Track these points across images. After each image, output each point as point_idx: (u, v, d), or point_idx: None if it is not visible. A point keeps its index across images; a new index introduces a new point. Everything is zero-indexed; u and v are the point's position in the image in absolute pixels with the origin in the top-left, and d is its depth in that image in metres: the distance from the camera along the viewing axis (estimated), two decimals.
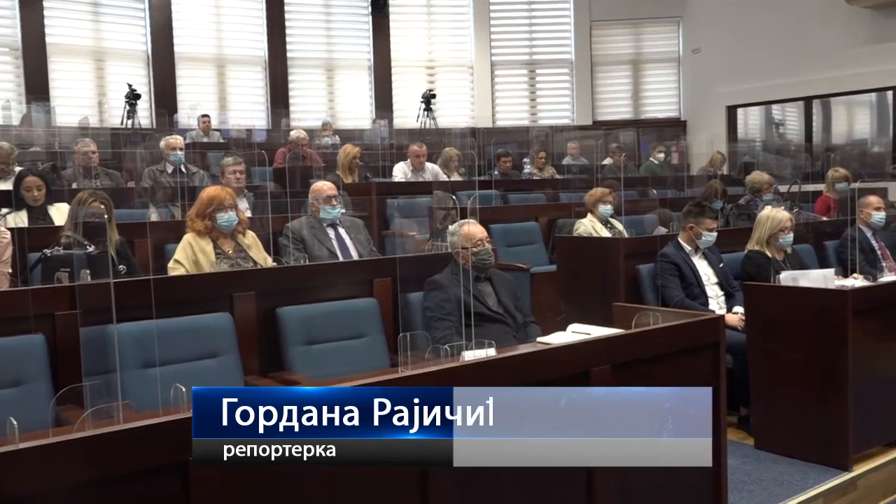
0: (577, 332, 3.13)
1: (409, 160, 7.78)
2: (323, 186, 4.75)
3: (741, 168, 9.99)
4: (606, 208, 5.92)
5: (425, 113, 12.38)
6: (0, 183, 5.61)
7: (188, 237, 4.12)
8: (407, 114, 13.45)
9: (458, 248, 3.80)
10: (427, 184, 7.20)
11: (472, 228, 3.84)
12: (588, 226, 5.86)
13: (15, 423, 1.80)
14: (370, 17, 13.92)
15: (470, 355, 2.71)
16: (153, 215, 5.59)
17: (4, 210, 4.67)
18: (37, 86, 11.30)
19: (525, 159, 9.47)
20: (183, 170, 6.65)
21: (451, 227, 4.00)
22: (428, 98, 12.43)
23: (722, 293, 4.68)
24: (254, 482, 2.06)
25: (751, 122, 14.06)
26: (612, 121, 14.10)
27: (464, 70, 14.50)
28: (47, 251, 3.62)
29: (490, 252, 3.88)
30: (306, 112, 13.35)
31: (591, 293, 4.88)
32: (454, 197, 5.04)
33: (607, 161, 10.04)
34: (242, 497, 2.04)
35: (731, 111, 13.61)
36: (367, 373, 2.89)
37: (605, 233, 5.83)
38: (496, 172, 8.68)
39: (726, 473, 3.10)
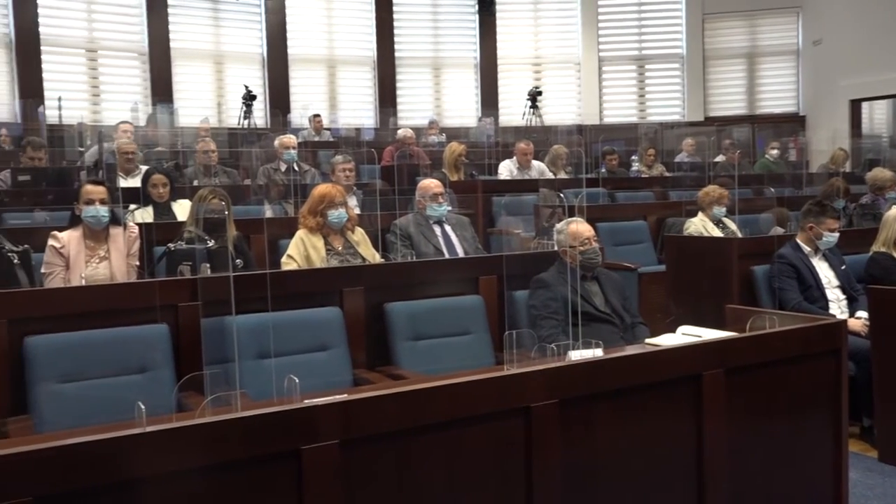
0: (687, 335, 3.04)
1: (515, 157, 7.76)
2: (430, 184, 4.80)
3: (865, 165, 9.46)
4: (720, 210, 5.73)
5: (531, 110, 12.30)
6: (128, 180, 5.94)
7: (300, 233, 4.25)
8: (513, 111, 13.42)
9: (565, 246, 3.77)
10: (533, 181, 7.16)
11: (580, 227, 3.79)
12: (699, 225, 5.68)
13: (143, 407, 1.91)
14: (477, 16, 13.96)
15: (576, 355, 2.68)
16: (267, 212, 5.79)
17: (133, 206, 4.94)
18: (162, 88, 11.94)
19: (633, 157, 9.28)
20: (295, 168, 6.87)
21: (557, 226, 3.97)
22: (534, 95, 12.34)
23: (844, 297, 4.45)
24: (365, 469, 2.11)
25: (876, 117, 13.29)
26: (726, 116, 13.62)
27: (570, 66, 14.33)
28: (171, 245, 3.81)
29: (597, 251, 3.83)
30: (413, 111, 13.52)
31: (702, 295, 4.74)
32: (561, 195, 4.99)
33: (720, 158, 9.71)
34: (352, 483, 2.09)
35: (855, 105, 12.90)
36: (473, 370, 2.90)
37: (717, 232, 5.65)
38: (603, 170, 8.54)
39: (847, 487, 2.95)
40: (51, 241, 3.88)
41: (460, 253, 4.65)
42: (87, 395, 2.87)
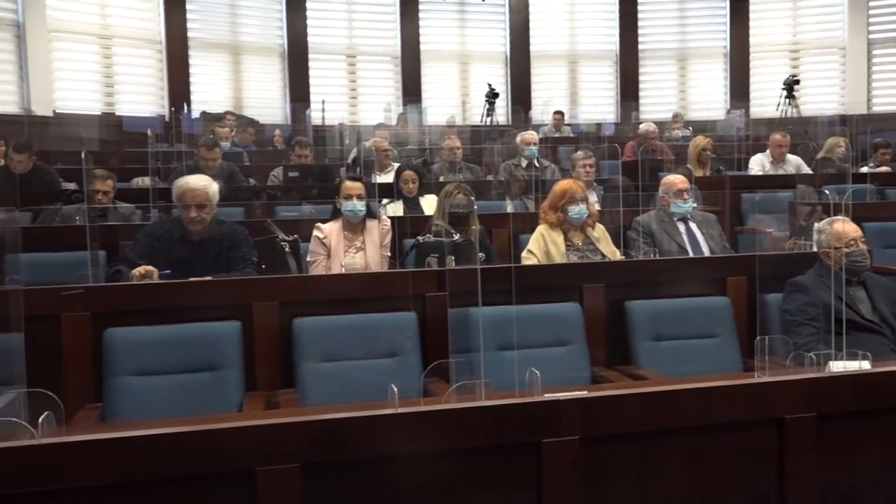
0: None
1: (767, 151, 7.26)
2: (674, 180, 4.63)
3: None
4: None
5: (787, 101, 11.44)
6: (382, 176, 6.35)
7: (541, 228, 4.29)
8: (765, 102, 12.58)
9: (827, 247, 3.46)
10: (786, 177, 6.66)
11: (845, 226, 3.47)
12: None
13: (396, 389, 2.03)
14: (727, 2, 13.24)
15: (839, 366, 2.45)
16: (508, 207, 5.91)
17: (385, 200, 5.26)
18: (411, 89, 12.64)
19: None
20: (536, 164, 6.94)
21: (817, 225, 3.66)
22: (790, 84, 11.47)
23: None
24: (604, 467, 2.09)
25: None
26: None
27: (833, 52, 13.14)
28: (420, 238, 4.02)
29: (865, 253, 3.48)
30: (656, 104, 13.13)
31: None
32: (825, 192, 4.59)
33: None
34: (591, 481, 2.08)
35: None
36: (719, 375, 2.75)
37: None
38: (871, 164, 7.73)
39: None
40: (315, 232, 4.25)
41: (706, 252, 4.45)
42: (343, 374, 3.10)
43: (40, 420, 1.85)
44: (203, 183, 3.73)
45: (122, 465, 1.84)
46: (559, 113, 11.36)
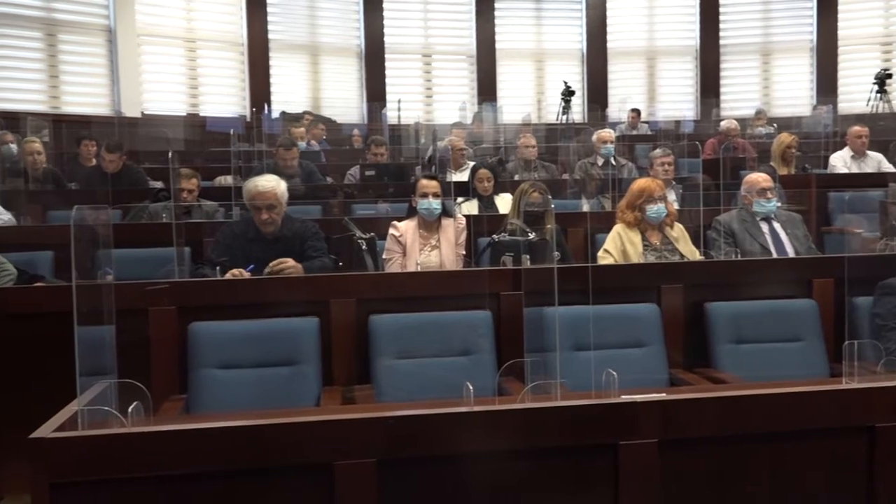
0: None
1: (847, 147, 6.98)
2: (757, 178, 4.50)
3: None
4: None
5: (878, 95, 10.96)
6: (457, 174, 6.37)
7: (617, 228, 4.22)
8: (854, 98, 12.08)
9: None
10: (876, 175, 6.39)
11: None
12: None
13: (471, 387, 2.04)
14: None
15: None
16: (584, 206, 5.84)
17: (460, 199, 5.27)
18: (487, 88, 12.65)
19: None
20: (612, 162, 6.84)
21: None
22: (882, 78, 10.98)
23: None
24: (683, 471, 2.05)
25: None
26: None
27: None
28: (495, 236, 4.01)
29: None
30: (738, 101, 12.79)
31: None
32: None
33: None
34: (669, 484, 2.04)
35: None
36: (805, 380, 2.66)
37: None
38: None
39: None
40: (391, 230, 4.29)
41: (790, 252, 4.30)
42: (418, 371, 3.12)
43: (130, 410, 1.93)
44: (271, 184, 3.79)
45: (205, 455, 1.91)
46: (635, 110, 11.18)
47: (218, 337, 3.04)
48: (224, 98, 11.67)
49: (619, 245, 4.14)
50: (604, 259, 4.13)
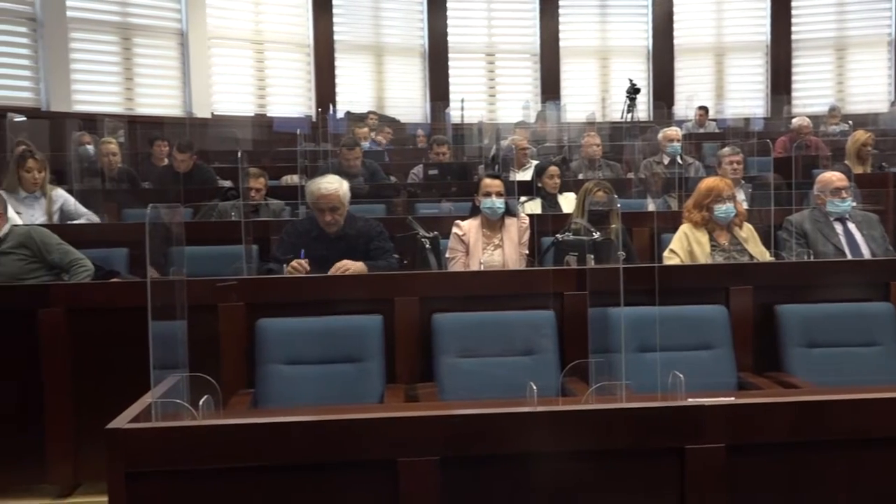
0: None
1: None
2: (831, 177, 4.36)
3: None
4: None
5: None
6: (520, 173, 6.35)
7: (684, 227, 4.15)
8: None
9: None
10: None
11: None
12: None
13: (535, 387, 2.03)
14: None
15: None
16: (650, 205, 5.76)
17: (524, 198, 5.26)
18: (550, 86, 12.58)
19: None
20: (679, 161, 6.72)
21: None
22: None
23: None
24: (753, 478, 2.01)
25: None
26: None
27: None
28: (559, 236, 3.99)
29: None
30: (811, 97, 12.43)
31: None
32: None
33: None
34: (738, 491, 2.00)
35: None
36: (882, 386, 2.57)
37: None
38: None
39: None
40: (454, 229, 4.30)
41: (866, 254, 4.16)
42: (481, 370, 3.12)
43: (201, 403, 1.98)
44: (334, 186, 3.83)
45: (272, 449, 1.95)
46: (703, 108, 10.96)
47: (285, 333, 3.09)
48: (290, 99, 11.89)
49: (686, 245, 4.07)
50: (670, 259, 4.06)
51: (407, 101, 12.39)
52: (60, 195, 5.13)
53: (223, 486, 1.95)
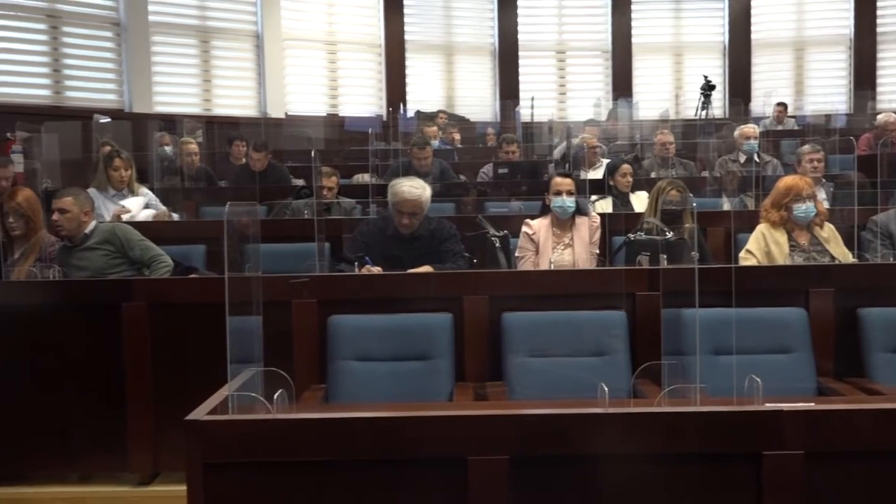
0: None
1: None
2: None
3: None
4: None
5: None
6: (590, 172, 6.28)
7: (761, 227, 4.04)
8: None
9: None
10: None
11: None
12: None
13: (606, 389, 2.01)
14: None
15: None
16: (725, 204, 5.63)
17: (594, 197, 5.20)
18: (622, 83, 12.41)
19: None
20: (756, 159, 6.55)
21: None
22: None
23: None
24: (832, 487, 1.94)
25: None
26: None
27: None
28: (631, 235, 3.93)
29: None
30: None
31: None
32: None
33: None
34: (818, 501, 1.94)
35: None
36: None
37: None
38: None
39: None
40: (524, 228, 4.29)
41: None
42: (550, 369, 3.10)
43: (275, 397, 2.02)
44: (418, 192, 3.83)
45: (344, 444, 1.98)
46: (782, 104, 10.62)
47: (355, 330, 3.13)
48: (362, 98, 12.04)
49: (763, 245, 3.96)
50: (746, 260, 3.96)
51: (476, 99, 12.41)
52: (145, 193, 5.33)
53: (295, 479, 1.99)
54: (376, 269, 3.61)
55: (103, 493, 3.30)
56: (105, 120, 8.23)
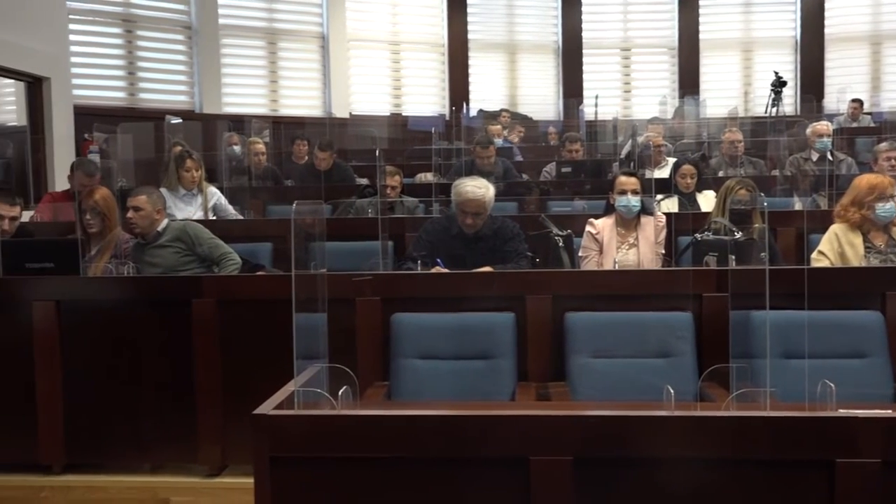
0: None
1: None
2: None
3: None
4: None
5: None
6: (656, 171, 6.18)
7: (835, 228, 3.91)
8: None
9: None
10: None
11: None
12: None
13: (672, 391, 1.97)
14: None
15: None
16: (796, 204, 5.48)
17: (660, 196, 5.12)
18: (688, 81, 12.18)
19: None
20: (829, 157, 6.34)
21: None
22: None
23: None
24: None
25: None
26: None
27: None
28: (698, 235, 3.86)
29: None
30: None
31: None
32: None
33: None
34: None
35: None
36: None
37: None
38: None
39: None
40: (588, 228, 4.24)
41: None
42: (614, 371, 3.06)
43: (340, 393, 2.05)
44: (481, 192, 3.83)
45: (407, 441, 1.99)
46: (857, 101, 10.26)
47: (418, 328, 3.15)
48: (425, 98, 12.11)
49: (837, 247, 3.84)
50: (818, 261, 3.84)
51: (539, 98, 12.34)
52: (214, 192, 5.47)
53: (359, 475, 2.02)
54: (445, 271, 3.63)
55: (173, 484, 3.39)
56: (176, 121, 8.47)
